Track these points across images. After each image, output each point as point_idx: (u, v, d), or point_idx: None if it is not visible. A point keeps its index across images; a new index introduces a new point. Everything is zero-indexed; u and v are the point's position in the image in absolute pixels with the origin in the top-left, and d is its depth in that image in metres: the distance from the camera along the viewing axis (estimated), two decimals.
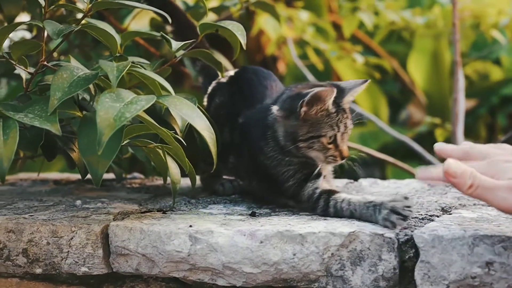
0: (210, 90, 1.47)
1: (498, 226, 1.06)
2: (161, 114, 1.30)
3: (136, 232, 1.14)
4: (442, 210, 1.23)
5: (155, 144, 1.22)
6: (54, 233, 1.18)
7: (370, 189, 1.47)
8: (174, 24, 1.52)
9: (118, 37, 1.24)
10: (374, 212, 1.12)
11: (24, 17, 1.68)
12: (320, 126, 1.22)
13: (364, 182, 1.55)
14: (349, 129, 1.24)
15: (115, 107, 1.04)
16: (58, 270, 1.19)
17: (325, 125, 1.22)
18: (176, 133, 1.24)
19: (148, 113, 1.13)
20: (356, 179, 1.57)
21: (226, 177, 1.48)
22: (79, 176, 1.34)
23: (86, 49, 1.85)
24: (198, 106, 1.20)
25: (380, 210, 1.11)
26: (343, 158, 1.24)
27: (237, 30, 1.28)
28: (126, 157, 1.61)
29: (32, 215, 1.25)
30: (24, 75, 1.32)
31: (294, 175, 1.25)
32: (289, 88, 1.29)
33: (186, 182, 1.46)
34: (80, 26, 1.18)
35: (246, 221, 1.17)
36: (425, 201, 1.31)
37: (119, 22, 1.99)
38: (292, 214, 1.23)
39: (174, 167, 1.26)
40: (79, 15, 1.26)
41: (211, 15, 1.98)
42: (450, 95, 3.15)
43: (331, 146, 1.23)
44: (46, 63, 1.22)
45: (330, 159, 1.24)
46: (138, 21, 1.99)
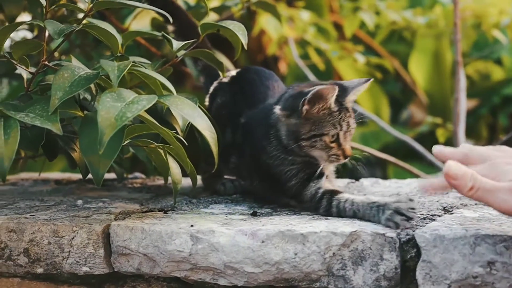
0: (211, 90, 1.47)
1: (500, 226, 1.06)
2: (162, 114, 1.30)
3: (137, 231, 1.14)
4: (444, 209, 1.23)
5: (156, 144, 1.22)
6: (55, 232, 1.18)
7: (371, 188, 1.47)
8: (176, 24, 1.52)
9: (119, 36, 1.24)
10: (377, 212, 1.11)
11: (25, 17, 1.68)
12: (322, 124, 1.21)
13: (365, 181, 1.55)
14: (352, 128, 1.24)
15: (116, 107, 1.04)
16: (59, 270, 1.18)
17: (327, 123, 1.21)
18: (177, 133, 1.24)
19: (149, 112, 1.13)
20: (357, 179, 1.57)
21: (227, 176, 1.48)
22: (80, 176, 1.34)
23: (87, 49, 1.85)
24: (199, 106, 1.20)
25: (383, 211, 1.10)
26: (346, 157, 1.24)
27: (238, 30, 1.28)
28: (127, 156, 1.61)
29: (33, 215, 1.25)
30: (25, 75, 1.32)
31: (297, 175, 1.25)
32: (291, 87, 1.29)
33: (187, 181, 1.46)
34: (81, 26, 1.18)
35: (248, 220, 1.17)
36: (426, 200, 1.31)
37: (120, 22, 1.99)
38: (293, 213, 1.23)
39: (175, 167, 1.26)
40: (80, 15, 1.26)
41: (212, 15, 1.98)
42: (452, 95, 3.15)
43: (334, 145, 1.22)
44: (47, 63, 1.22)
45: (333, 158, 1.23)
46: (139, 21, 1.99)
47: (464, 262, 1.00)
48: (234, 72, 1.46)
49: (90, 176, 1.14)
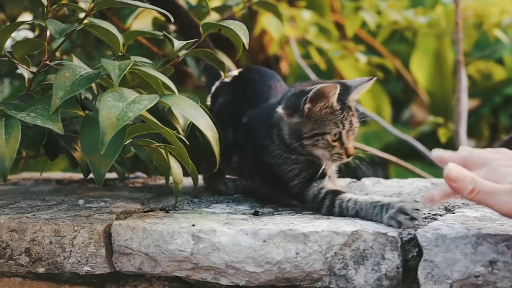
0: (213, 90, 1.47)
1: (502, 225, 1.06)
2: (163, 114, 1.30)
3: (138, 231, 1.14)
4: (445, 209, 1.23)
5: (158, 143, 1.22)
6: (56, 232, 1.18)
7: (373, 188, 1.47)
8: (178, 23, 1.53)
9: (120, 36, 1.24)
10: (380, 211, 1.11)
11: (26, 16, 1.68)
12: (324, 123, 1.21)
13: (367, 181, 1.55)
14: (355, 127, 1.24)
15: (118, 107, 1.04)
16: (60, 270, 1.18)
17: (329, 122, 1.21)
18: (178, 132, 1.24)
19: (150, 112, 1.13)
20: (359, 178, 1.57)
21: (228, 176, 1.48)
22: (82, 175, 1.34)
23: (88, 48, 1.85)
24: (200, 105, 1.20)
25: (387, 209, 1.10)
26: (349, 156, 1.24)
27: (239, 29, 1.28)
28: (129, 156, 1.61)
29: (34, 215, 1.25)
30: (26, 75, 1.32)
31: (300, 174, 1.24)
32: (294, 86, 1.29)
33: (189, 181, 1.46)
34: (82, 25, 1.18)
35: (249, 220, 1.17)
36: None
37: (122, 21, 1.99)
38: (295, 213, 1.23)
39: (176, 167, 1.26)
40: (82, 15, 1.26)
41: (214, 15, 1.98)
42: (453, 95, 3.14)
43: (337, 143, 1.22)
44: (48, 63, 1.22)
45: (336, 157, 1.23)
46: (140, 20, 1.99)
47: (466, 261, 1.00)
48: (236, 72, 1.46)
49: (91, 175, 1.14)
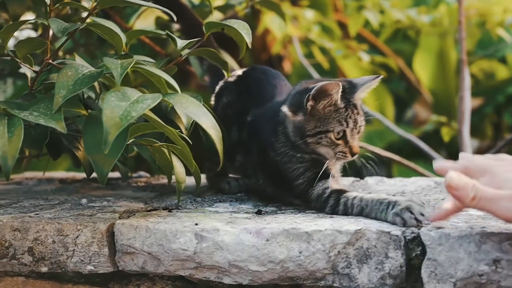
0: (217, 90, 1.47)
1: (505, 224, 1.06)
2: (166, 113, 1.30)
3: (141, 230, 1.14)
4: None
5: (161, 143, 1.22)
6: (59, 231, 1.18)
7: (376, 187, 1.47)
8: (181, 22, 1.52)
9: (123, 35, 1.23)
10: (386, 207, 1.11)
11: (29, 16, 1.68)
12: (327, 121, 1.21)
13: (370, 180, 1.55)
14: (360, 125, 1.23)
15: (121, 106, 1.04)
16: (63, 269, 1.18)
17: (333, 120, 1.21)
18: (181, 131, 1.24)
19: (153, 111, 1.13)
20: (362, 177, 1.57)
21: (231, 175, 1.48)
22: (85, 174, 1.34)
23: (91, 48, 1.85)
24: (203, 104, 1.19)
25: (393, 206, 1.10)
26: (354, 155, 1.23)
27: (242, 28, 1.28)
28: (132, 155, 1.61)
29: (37, 214, 1.25)
30: (29, 74, 1.32)
31: (304, 173, 1.24)
32: (299, 83, 1.29)
33: (191, 180, 1.46)
34: (85, 24, 1.18)
35: (252, 219, 1.17)
36: (431, 198, 1.31)
37: (125, 20, 1.99)
38: (298, 212, 1.23)
39: (179, 166, 1.26)
40: (84, 14, 1.26)
41: (217, 14, 1.98)
42: (456, 94, 3.14)
43: (341, 142, 1.22)
44: (51, 62, 1.22)
45: (340, 155, 1.23)
46: (143, 20, 1.99)
47: (469, 260, 1.00)
48: (240, 71, 1.46)
49: (94, 175, 1.15)
